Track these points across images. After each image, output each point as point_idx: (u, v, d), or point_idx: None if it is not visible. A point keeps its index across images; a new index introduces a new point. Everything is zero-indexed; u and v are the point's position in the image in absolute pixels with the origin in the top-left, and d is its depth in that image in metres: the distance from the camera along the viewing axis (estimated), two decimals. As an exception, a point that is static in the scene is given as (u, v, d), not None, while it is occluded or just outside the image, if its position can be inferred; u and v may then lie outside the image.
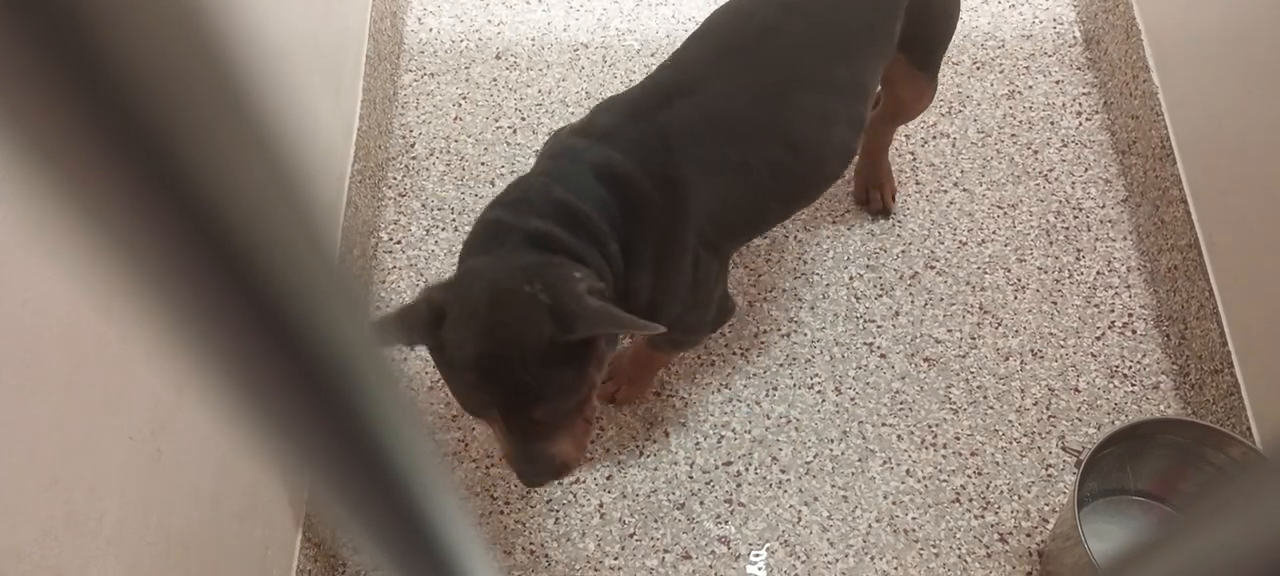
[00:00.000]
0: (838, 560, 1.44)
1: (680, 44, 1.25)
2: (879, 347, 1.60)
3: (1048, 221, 1.72)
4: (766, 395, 1.56)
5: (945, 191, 1.75)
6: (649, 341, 1.36)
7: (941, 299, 1.64)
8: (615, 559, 1.44)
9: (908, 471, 1.50)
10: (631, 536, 1.46)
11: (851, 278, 1.66)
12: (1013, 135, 1.81)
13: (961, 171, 1.77)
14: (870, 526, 1.46)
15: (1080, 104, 1.84)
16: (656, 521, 1.47)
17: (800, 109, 1.17)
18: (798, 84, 1.18)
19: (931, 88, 1.48)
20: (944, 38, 1.42)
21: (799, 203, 1.28)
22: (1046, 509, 1.47)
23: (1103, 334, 1.61)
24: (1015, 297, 1.64)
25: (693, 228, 1.14)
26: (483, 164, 1.80)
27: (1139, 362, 1.58)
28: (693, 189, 1.13)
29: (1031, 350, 1.60)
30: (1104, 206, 1.73)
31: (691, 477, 1.50)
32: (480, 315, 0.99)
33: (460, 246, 1.69)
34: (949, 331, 1.61)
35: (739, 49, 1.17)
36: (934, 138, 1.80)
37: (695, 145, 1.13)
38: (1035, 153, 1.79)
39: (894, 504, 1.48)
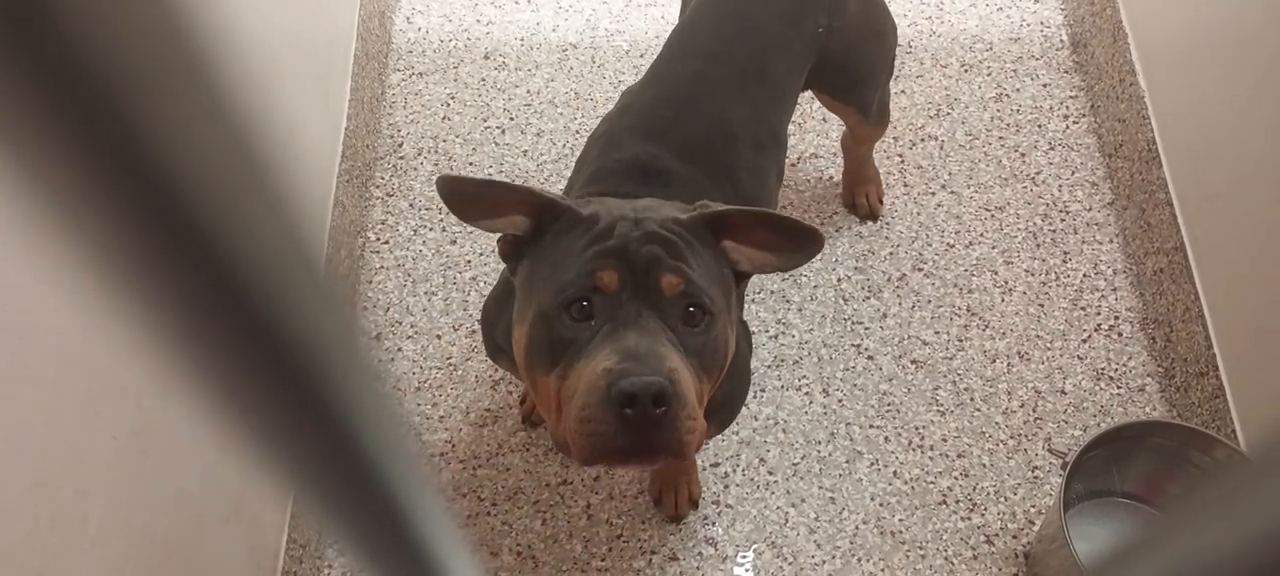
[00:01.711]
0: (825, 562, 1.44)
1: (593, 136, 1.23)
2: (867, 349, 1.60)
3: (1035, 224, 1.72)
4: (754, 397, 1.56)
5: (933, 194, 1.75)
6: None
7: (929, 301, 1.65)
8: (602, 560, 1.44)
9: (895, 473, 1.51)
10: (618, 537, 1.46)
11: (839, 280, 1.67)
12: (1000, 138, 1.82)
13: (949, 174, 1.77)
14: (857, 528, 1.47)
15: (1067, 107, 1.85)
16: (644, 523, 1.47)
17: (743, 167, 1.18)
18: (737, 137, 1.18)
19: (869, 118, 1.49)
20: (864, 79, 1.42)
21: None
22: (1032, 511, 1.48)
23: (1089, 336, 1.62)
24: (1002, 300, 1.65)
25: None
26: (471, 164, 1.80)
27: (1125, 365, 1.59)
28: None
29: (1018, 352, 1.60)
30: (1090, 209, 1.74)
31: (679, 479, 1.50)
32: (617, 201, 0.96)
33: (448, 245, 1.69)
34: (936, 333, 1.62)
35: (670, 123, 1.16)
36: (922, 140, 1.81)
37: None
38: (1022, 155, 1.80)
39: (881, 505, 1.48)
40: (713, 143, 1.16)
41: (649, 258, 0.89)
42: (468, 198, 0.93)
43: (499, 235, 0.98)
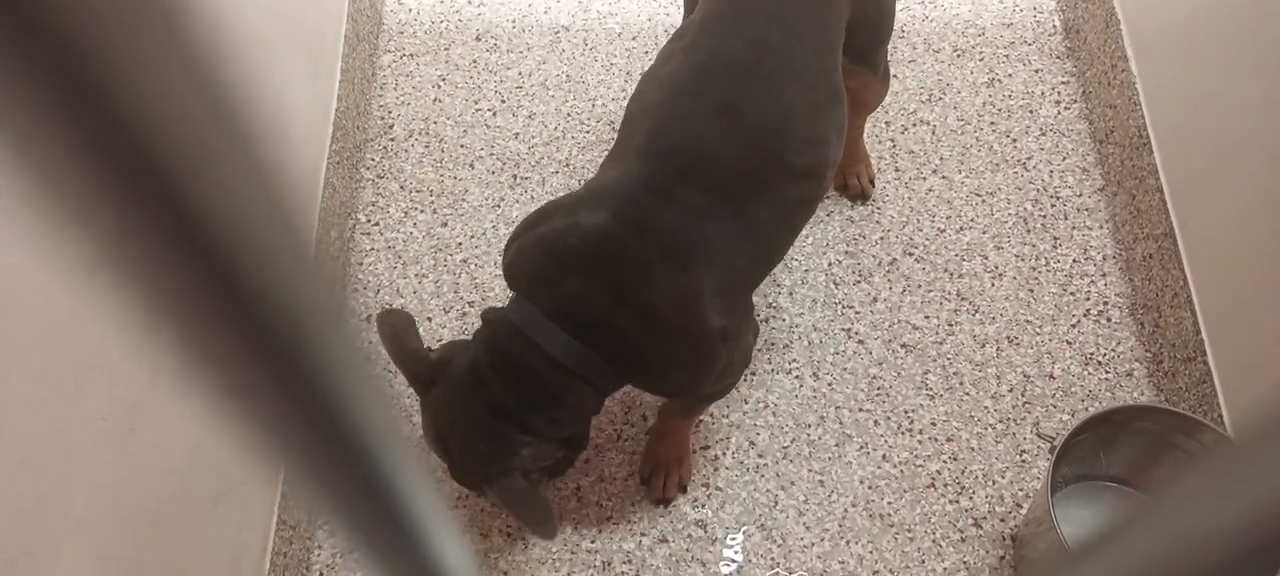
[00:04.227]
0: (814, 544, 1.45)
1: (643, 105, 1.21)
2: (857, 333, 1.61)
3: (1025, 209, 1.73)
4: (744, 380, 1.56)
5: (924, 178, 1.76)
6: (682, 407, 1.38)
7: (919, 285, 1.65)
8: (592, 542, 1.45)
9: (884, 456, 1.51)
10: (608, 520, 1.46)
11: (830, 264, 1.67)
12: (992, 123, 1.82)
13: (941, 159, 1.78)
14: (846, 511, 1.47)
15: (1059, 93, 1.85)
16: (633, 505, 1.47)
17: (799, 141, 1.17)
18: (792, 118, 1.16)
19: (877, 80, 1.49)
20: (880, 35, 1.42)
21: (805, 223, 1.28)
22: (1020, 494, 1.48)
23: (1078, 321, 1.62)
24: (992, 285, 1.65)
25: (720, 317, 1.15)
26: (462, 146, 1.79)
27: (1113, 350, 1.60)
28: (713, 286, 1.13)
29: (1008, 337, 1.61)
30: (1081, 195, 1.74)
31: (669, 461, 1.51)
32: (443, 416, 1.17)
33: (439, 228, 1.68)
34: (926, 318, 1.62)
35: (726, 106, 1.15)
36: (914, 125, 1.81)
37: (711, 237, 1.13)
38: (1014, 141, 1.80)
39: (870, 488, 1.49)
40: (769, 127, 1.15)
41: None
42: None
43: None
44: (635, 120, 1.21)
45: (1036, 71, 1.88)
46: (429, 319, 1.62)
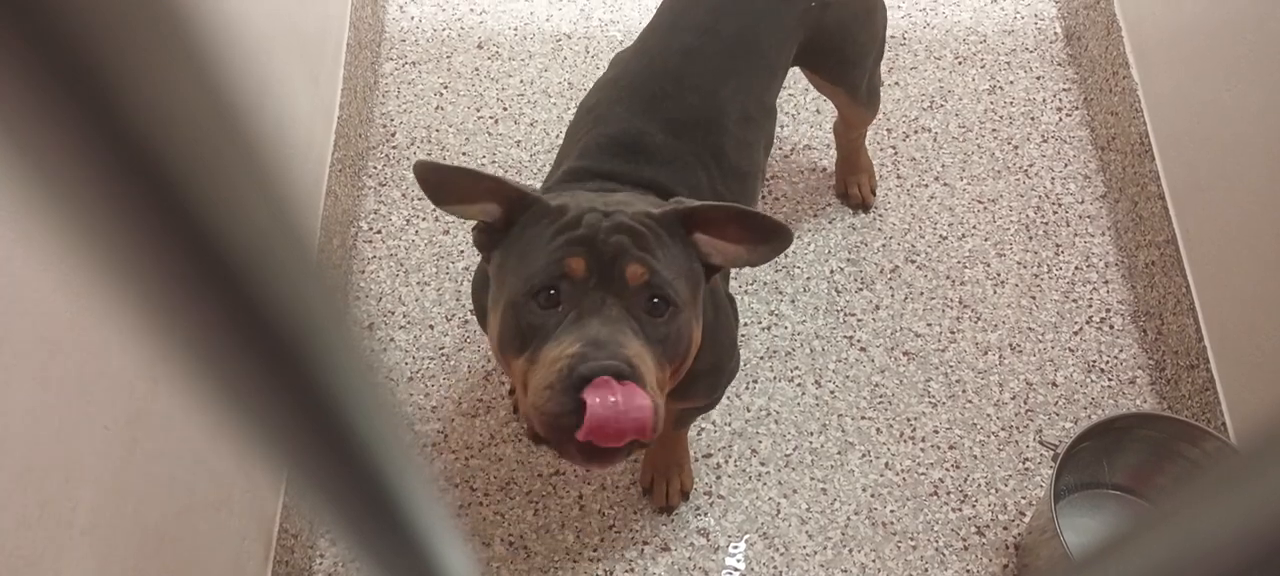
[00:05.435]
0: (816, 552, 1.45)
1: (587, 105, 1.25)
2: (859, 341, 1.61)
3: (1027, 216, 1.73)
4: (746, 388, 1.56)
5: (926, 186, 1.76)
6: (679, 413, 1.31)
7: (921, 293, 1.65)
8: (594, 550, 1.45)
9: (886, 464, 1.51)
10: (610, 528, 1.46)
11: (832, 271, 1.67)
12: (993, 130, 1.82)
13: (942, 166, 1.78)
14: (849, 519, 1.47)
15: (1061, 100, 1.86)
16: (636, 513, 1.47)
17: (731, 143, 1.20)
18: (720, 120, 1.20)
19: (858, 101, 1.50)
20: (852, 60, 1.42)
21: None
22: (1023, 502, 1.48)
23: (1080, 329, 1.62)
24: (994, 292, 1.65)
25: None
26: (464, 154, 1.79)
27: (1116, 357, 1.60)
28: None
29: (1010, 344, 1.61)
30: (1083, 202, 1.74)
31: (671, 469, 1.50)
32: (589, 194, 0.97)
33: (441, 235, 1.68)
34: (929, 325, 1.62)
35: (659, 98, 1.18)
36: (915, 132, 1.81)
37: (690, 179, 1.14)
38: (1015, 148, 1.80)
39: (872, 497, 1.49)
40: (702, 120, 1.18)
41: (616, 247, 0.90)
42: (439, 183, 0.94)
43: (473, 224, 0.98)
44: (580, 119, 1.24)
45: (1038, 78, 1.88)
46: (431, 326, 1.62)
